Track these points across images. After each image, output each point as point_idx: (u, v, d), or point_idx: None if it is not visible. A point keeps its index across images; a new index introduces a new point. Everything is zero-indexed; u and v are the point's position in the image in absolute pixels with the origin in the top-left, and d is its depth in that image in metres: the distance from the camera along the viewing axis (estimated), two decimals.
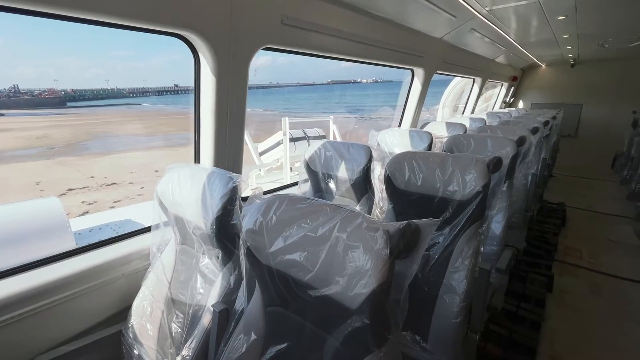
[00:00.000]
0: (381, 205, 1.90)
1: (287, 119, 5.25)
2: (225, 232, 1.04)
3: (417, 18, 2.45)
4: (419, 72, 3.18)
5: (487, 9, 2.60)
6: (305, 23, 1.63)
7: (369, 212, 1.74)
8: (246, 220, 0.86)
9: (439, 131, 3.01)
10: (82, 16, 1.05)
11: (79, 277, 1.23)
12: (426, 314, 1.29)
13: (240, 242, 0.87)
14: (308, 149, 1.92)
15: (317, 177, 1.90)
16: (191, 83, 1.45)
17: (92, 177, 10.52)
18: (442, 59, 3.36)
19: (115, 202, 8.02)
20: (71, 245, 1.83)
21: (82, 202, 8.09)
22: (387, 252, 0.62)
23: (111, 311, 1.32)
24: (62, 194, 8.76)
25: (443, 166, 1.35)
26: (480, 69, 4.80)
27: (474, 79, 5.19)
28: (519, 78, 7.26)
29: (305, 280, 0.74)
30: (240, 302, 0.97)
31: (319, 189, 1.91)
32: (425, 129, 3.03)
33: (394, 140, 2.53)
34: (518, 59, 5.74)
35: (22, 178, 10.36)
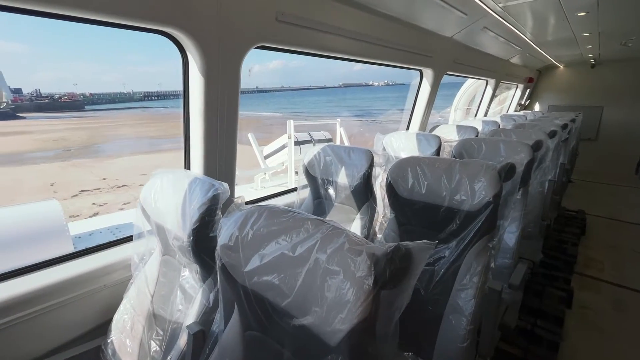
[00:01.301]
0: (385, 212, 1.78)
1: (292, 121, 5.17)
2: (203, 246, 0.95)
3: (425, 16, 2.33)
4: (428, 73, 3.05)
5: (500, 5, 2.46)
6: (302, 20, 1.53)
7: (370, 221, 1.63)
8: (222, 233, 0.77)
9: (449, 134, 2.87)
10: (64, 12, 0.99)
11: (57, 288, 1.17)
12: (430, 334, 1.17)
13: (216, 259, 0.78)
14: (307, 153, 1.83)
15: (317, 182, 1.80)
16: None
17: (104, 178, 10.70)
18: (453, 59, 3.22)
19: (124, 204, 8.11)
20: (69, 249, 1.79)
21: (93, 203, 8.21)
22: (370, 281, 0.51)
23: (91, 325, 1.25)
24: (74, 195, 8.93)
25: (450, 173, 1.24)
26: (494, 69, 4.63)
27: (487, 81, 5.01)
28: (535, 79, 7.00)
29: (282, 306, 0.65)
30: (218, 323, 0.88)
31: (319, 195, 1.82)
32: (435, 132, 2.90)
33: (400, 144, 2.40)
34: (534, 60, 5.51)
35: (38, 179, 10.63)
